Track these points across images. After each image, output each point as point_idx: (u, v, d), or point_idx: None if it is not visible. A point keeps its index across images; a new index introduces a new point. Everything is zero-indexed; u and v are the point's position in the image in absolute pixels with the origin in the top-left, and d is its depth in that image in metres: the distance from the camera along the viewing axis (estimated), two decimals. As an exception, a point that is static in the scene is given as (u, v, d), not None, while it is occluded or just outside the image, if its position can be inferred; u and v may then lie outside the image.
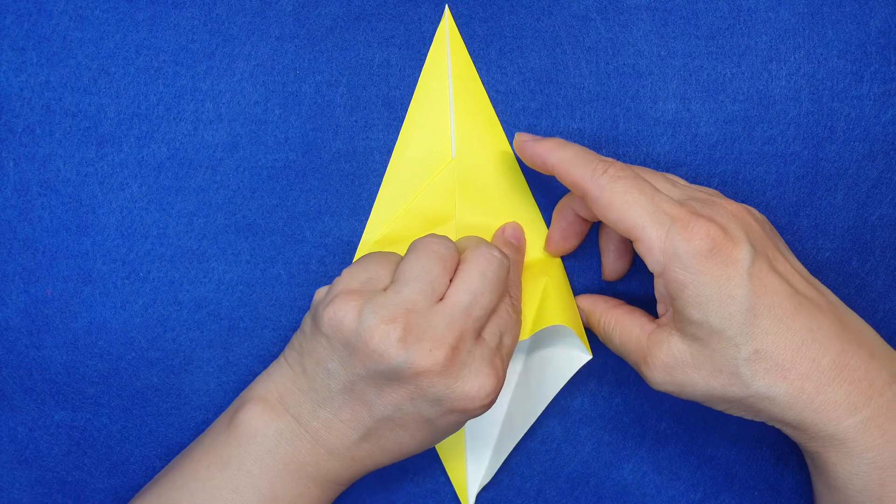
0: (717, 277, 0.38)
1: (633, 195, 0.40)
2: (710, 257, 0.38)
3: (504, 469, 0.49)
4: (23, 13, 0.46)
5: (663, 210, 0.39)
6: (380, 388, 0.40)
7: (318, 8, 0.47)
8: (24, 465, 0.48)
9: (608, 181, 0.40)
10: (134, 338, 0.48)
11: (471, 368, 0.40)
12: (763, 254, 0.39)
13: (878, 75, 0.47)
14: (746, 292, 0.38)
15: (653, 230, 0.39)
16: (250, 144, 0.47)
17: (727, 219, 0.39)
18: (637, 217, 0.39)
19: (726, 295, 0.38)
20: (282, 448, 0.42)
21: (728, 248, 0.38)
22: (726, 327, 0.39)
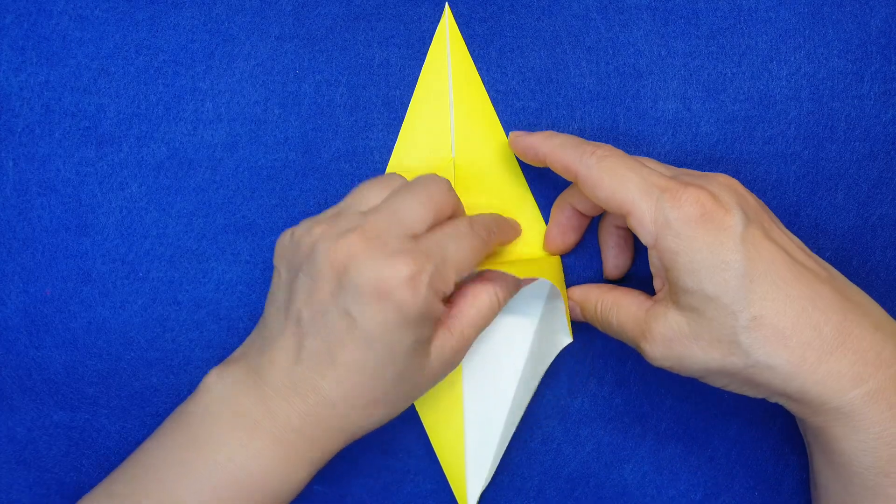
0: (710, 244, 0.38)
1: (622, 171, 0.40)
2: (701, 223, 0.38)
3: (504, 469, 0.49)
4: (23, 13, 0.47)
5: (652, 182, 0.39)
6: (308, 294, 0.40)
7: (318, 8, 0.47)
8: (22, 465, 0.48)
9: (596, 161, 0.40)
10: (133, 338, 0.48)
11: (387, 254, 0.39)
12: (757, 221, 0.39)
13: (878, 75, 0.47)
14: (740, 258, 0.37)
15: (643, 202, 0.39)
16: (250, 144, 0.47)
17: (718, 188, 0.39)
18: (627, 191, 0.39)
19: (720, 261, 0.38)
20: (230, 396, 0.40)
21: (719, 214, 0.38)
22: (721, 294, 0.38)
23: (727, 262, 0.38)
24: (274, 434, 0.40)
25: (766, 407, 0.49)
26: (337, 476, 0.49)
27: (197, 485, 0.39)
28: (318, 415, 0.40)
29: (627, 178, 0.40)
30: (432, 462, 0.49)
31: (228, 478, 0.39)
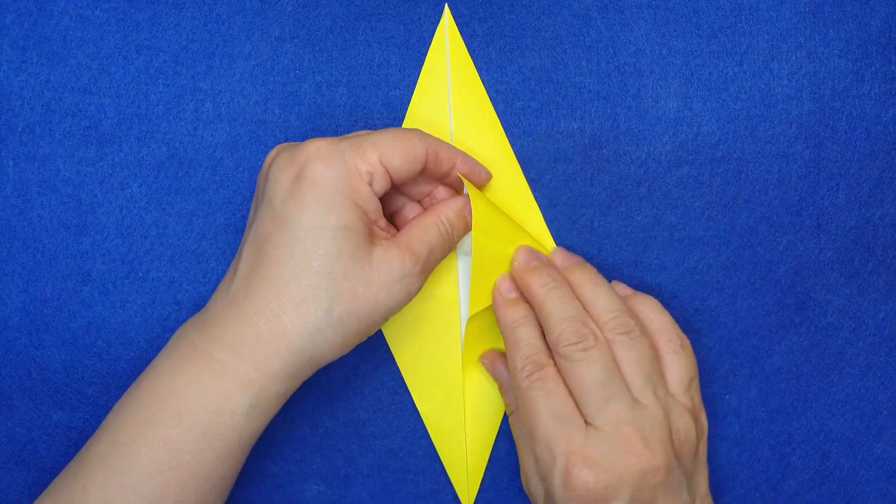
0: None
1: (541, 411, 0.42)
2: (582, 501, 0.40)
3: (504, 469, 0.49)
4: (23, 13, 0.47)
5: (560, 441, 0.41)
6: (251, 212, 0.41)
7: (318, 8, 0.47)
8: (21, 465, 0.48)
9: (529, 385, 0.42)
10: (133, 338, 0.48)
11: (303, 144, 0.40)
12: (640, 502, 0.41)
13: (879, 74, 0.47)
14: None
15: (543, 450, 0.41)
16: (250, 144, 0.47)
17: (626, 466, 0.40)
18: (537, 430, 0.42)
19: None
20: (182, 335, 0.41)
21: (602, 500, 0.40)
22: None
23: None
24: (208, 355, 0.39)
25: (766, 407, 0.49)
26: (337, 476, 0.48)
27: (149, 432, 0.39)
28: (251, 323, 0.39)
29: (541, 422, 0.41)
30: (432, 462, 0.49)
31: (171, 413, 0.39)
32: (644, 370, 0.42)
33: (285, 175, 0.39)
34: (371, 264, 0.40)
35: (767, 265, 0.48)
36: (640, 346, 0.42)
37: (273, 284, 0.39)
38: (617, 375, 0.41)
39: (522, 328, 0.44)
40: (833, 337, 0.49)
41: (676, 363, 0.43)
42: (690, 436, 0.42)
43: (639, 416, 0.41)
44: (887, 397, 0.49)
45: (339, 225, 0.39)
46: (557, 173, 0.48)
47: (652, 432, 0.41)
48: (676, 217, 0.48)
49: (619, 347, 0.42)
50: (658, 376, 0.42)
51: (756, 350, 0.48)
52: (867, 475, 0.49)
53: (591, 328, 0.42)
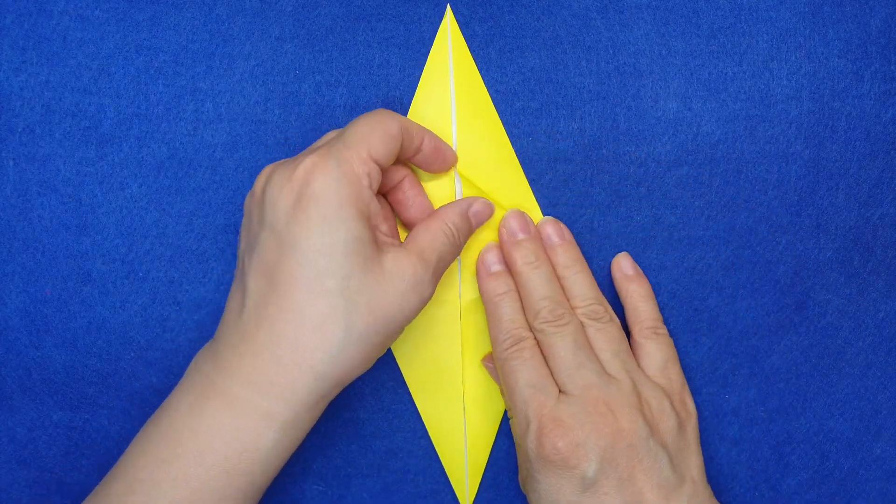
0: (554, 485, 0.42)
1: (519, 381, 0.43)
2: (555, 467, 0.42)
3: (504, 469, 0.49)
4: (23, 13, 0.47)
5: (533, 406, 0.43)
6: (245, 239, 0.40)
7: (318, 8, 0.47)
8: (22, 465, 0.48)
9: (508, 356, 0.44)
10: (133, 338, 0.48)
11: (293, 163, 0.39)
12: (614, 474, 0.42)
13: (878, 74, 0.47)
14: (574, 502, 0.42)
15: (520, 419, 0.43)
16: (250, 144, 0.47)
17: (594, 427, 0.42)
18: (514, 399, 0.44)
19: (556, 501, 0.42)
20: (195, 369, 0.40)
21: (572, 464, 0.41)
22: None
23: (558, 502, 0.42)
24: (227, 392, 0.38)
25: (765, 407, 0.49)
26: (337, 476, 0.48)
27: (171, 471, 0.38)
28: (271, 354, 0.38)
29: (517, 391, 0.43)
30: (432, 462, 0.49)
31: (193, 452, 0.38)
32: (612, 347, 0.44)
33: (284, 196, 0.38)
34: (384, 275, 0.39)
35: (767, 265, 0.48)
36: (610, 329, 0.45)
37: (289, 312, 0.38)
38: (587, 348, 0.44)
39: (504, 302, 0.45)
40: (832, 337, 0.49)
41: (651, 346, 0.46)
42: (665, 409, 0.44)
43: (606, 384, 0.43)
44: (887, 397, 0.49)
45: (348, 238, 0.38)
46: (557, 173, 0.48)
47: (620, 399, 0.43)
48: (676, 217, 0.48)
49: (590, 330, 0.45)
50: (627, 354, 0.45)
51: (756, 350, 0.48)
52: (867, 475, 0.49)
53: (567, 308, 0.45)
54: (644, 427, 0.42)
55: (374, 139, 0.40)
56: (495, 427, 0.48)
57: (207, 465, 0.38)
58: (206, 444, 0.38)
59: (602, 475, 0.41)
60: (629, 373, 0.44)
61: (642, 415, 0.43)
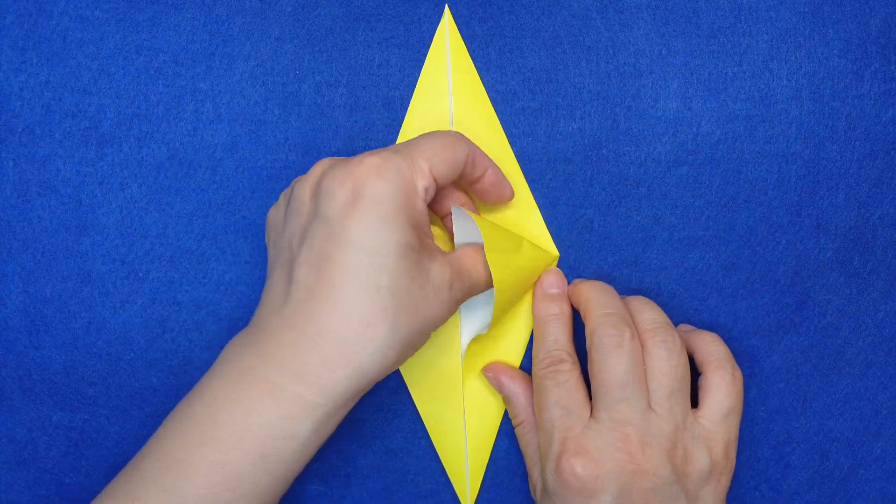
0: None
1: (549, 400, 0.43)
2: (570, 492, 0.41)
3: (504, 469, 0.49)
4: (23, 13, 0.47)
5: (559, 427, 0.42)
6: (293, 226, 0.40)
7: (317, 8, 0.47)
8: (22, 466, 0.48)
9: (544, 375, 0.44)
10: (133, 338, 0.48)
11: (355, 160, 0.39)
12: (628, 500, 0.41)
13: (878, 74, 0.47)
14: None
15: (544, 437, 0.43)
16: (250, 145, 0.47)
17: (617, 463, 0.41)
18: (543, 417, 0.43)
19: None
20: (234, 356, 0.40)
21: (588, 494, 0.41)
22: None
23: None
24: (268, 379, 0.38)
25: (766, 407, 0.49)
26: (337, 476, 0.48)
27: (208, 454, 0.38)
28: (315, 345, 0.38)
29: (548, 409, 0.43)
30: (432, 462, 0.49)
31: (231, 437, 0.38)
32: (670, 383, 0.42)
33: (342, 191, 0.38)
34: (429, 281, 0.39)
35: (767, 265, 0.48)
36: (676, 359, 0.43)
37: (339, 305, 0.38)
38: (639, 380, 0.42)
39: (553, 323, 0.45)
40: (832, 337, 0.49)
41: (721, 389, 0.44)
42: (702, 463, 0.42)
43: (645, 423, 0.41)
44: (887, 397, 0.49)
45: (401, 241, 0.38)
46: (557, 173, 0.48)
47: (652, 440, 0.41)
48: (676, 217, 0.48)
49: (653, 356, 0.43)
50: (683, 394, 0.43)
51: (756, 350, 0.48)
52: (867, 475, 0.49)
53: (632, 329, 0.43)
54: (671, 474, 0.41)
55: (438, 158, 0.40)
56: (496, 427, 0.48)
57: (244, 449, 0.38)
58: (245, 430, 0.38)
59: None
60: (675, 415, 0.42)
61: (671, 461, 0.41)
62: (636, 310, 0.45)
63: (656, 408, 0.42)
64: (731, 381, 0.44)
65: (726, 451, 0.43)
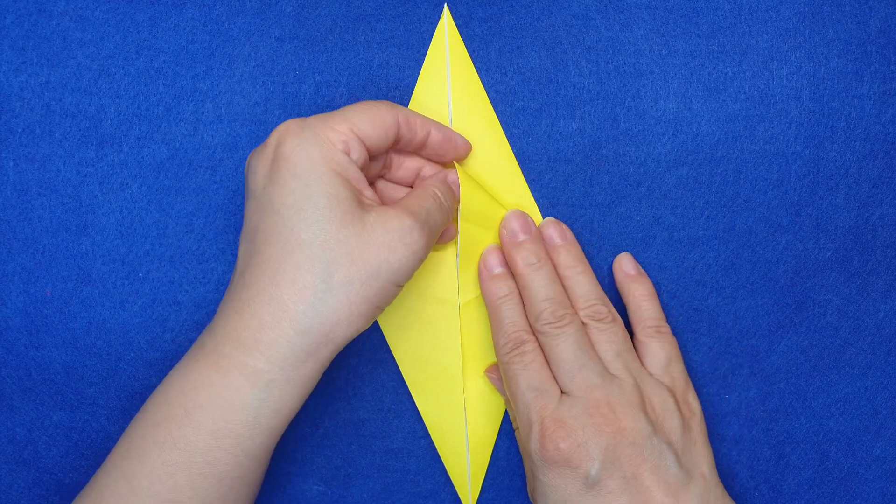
0: (559, 487, 0.42)
1: (521, 384, 0.44)
2: (558, 468, 0.42)
3: (504, 469, 0.49)
4: (23, 13, 0.47)
5: (535, 409, 0.43)
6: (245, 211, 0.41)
7: (318, 8, 0.47)
8: (22, 466, 0.48)
9: (510, 360, 0.44)
10: (133, 338, 0.48)
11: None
12: (618, 473, 0.42)
13: (878, 74, 0.47)
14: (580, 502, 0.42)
15: (523, 422, 0.43)
16: (250, 145, 0.47)
17: (596, 427, 0.42)
18: (517, 403, 0.44)
19: (562, 500, 0.42)
20: (196, 342, 0.40)
21: (574, 464, 0.42)
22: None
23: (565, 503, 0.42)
24: (215, 351, 0.39)
25: (765, 406, 0.49)
26: (337, 476, 0.48)
27: (160, 433, 0.38)
28: (252, 311, 0.38)
29: (520, 395, 0.44)
30: (432, 462, 0.49)
31: (181, 413, 0.38)
32: (615, 348, 0.45)
33: (261, 162, 0.40)
34: (365, 227, 0.39)
35: (767, 265, 0.48)
36: (612, 329, 0.45)
37: (266, 267, 0.38)
38: (589, 349, 0.44)
39: (505, 306, 0.46)
40: (832, 336, 0.49)
41: (654, 345, 0.46)
42: (669, 408, 0.44)
43: (608, 384, 0.43)
44: (886, 397, 0.49)
45: (322, 193, 0.38)
46: (557, 173, 0.48)
47: (622, 399, 0.43)
48: (676, 217, 0.48)
49: (592, 331, 0.45)
50: (629, 353, 0.45)
51: (755, 350, 0.48)
52: (866, 474, 0.49)
53: (568, 310, 0.45)
54: (647, 426, 0.42)
55: (359, 117, 0.40)
56: (496, 426, 0.48)
57: (194, 425, 0.38)
58: (193, 404, 0.38)
59: (605, 474, 0.41)
60: (632, 372, 0.44)
61: (645, 414, 0.43)
62: (570, 286, 0.46)
63: (612, 370, 0.44)
64: (658, 336, 0.46)
65: (685, 396, 0.45)
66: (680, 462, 0.42)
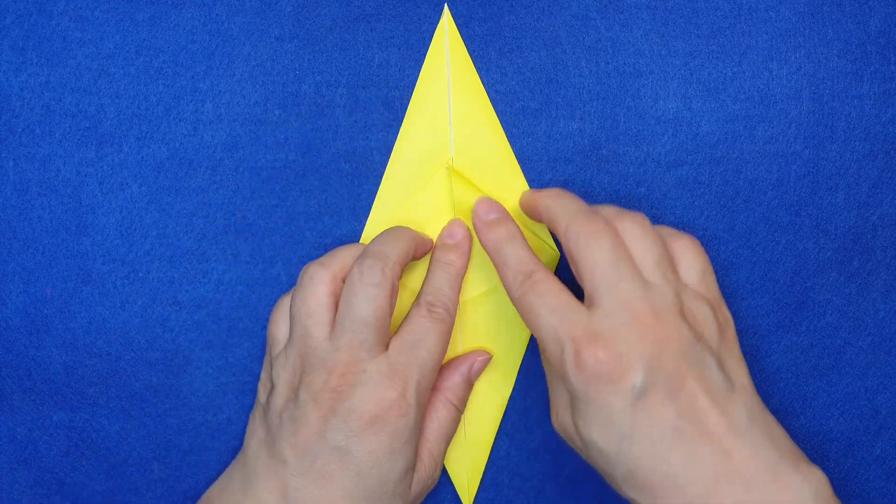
0: (603, 403, 0.39)
1: (541, 313, 0.41)
2: (598, 385, 0.39)
3: (504, 469, 0.49)
4: (23, 13, 0.47)
5: (563, 330, 0.40)
6: (292, 433, 0.41)
7: (317, 8, 0.47)
8: (23, 465, 0.48)
9: (522, 293, 0.41)
10: (133, 338, 0.48)
11: (367, 379, 0.41)
12: (664, 383, 0.38)
13: (878, 75, 0.47)
14: (628, 420, 0.38)
15: (552, 346, 0.40)
16: (250, 144, 0.47)
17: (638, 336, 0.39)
18: (541, 330, 0.41)
19: (608, 419, 0.39)
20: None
21: (617, 377, 0.38)
22: (604, 445, 0.39)
23: (614, 422, 0.39)
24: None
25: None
26: (337, 476, 0.48)
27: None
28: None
29: (543, 320, 0.40)
30: (432, 462, 0.49)
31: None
32: (654, 255, 0.41)
33: (361, 424, 0.41)
34: (409, 489, 0.43)
35: (766, 265, 0.48)
36: (650, 232, 0.42)
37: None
38: (628, 258, 0.41)
39: (506, 245, 0.43)
40: (832, 336, 0.49)
41: (688, 254, 0.42)
42: (707, 318, 0.40)
43: (649, 293, 0.40)
44: (886, 397, 0.49)
45: (405, 467, 0.42)
46: (557, 173, 0.48)
47: (662, 307, 0.39)
48: (676, 217, 0.48)
49: (629, 234, 0.41)
50: (668, 264, 0.41)
51: (755, 350, 0.48)
52: (867, 475, 0.49)
53: (603, 216, 0.42)
54: (690, 333, 0.39)
55: (440, 354, 0.44)
56: (496, 425, 0.48)
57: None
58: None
59: (652, 385, 0.38)
60: (670, 283, 0.40)
61: (686, 322, 0.40)
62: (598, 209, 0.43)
63: (651, 279, 0.40)
64: (691, 245, 0.43)
65: (720, 307, 0.42)
66: (722, 370, 0.40)
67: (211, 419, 0.48)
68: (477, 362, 0.47)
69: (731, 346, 0.41)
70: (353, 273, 0.42)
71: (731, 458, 0.38)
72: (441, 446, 0.45)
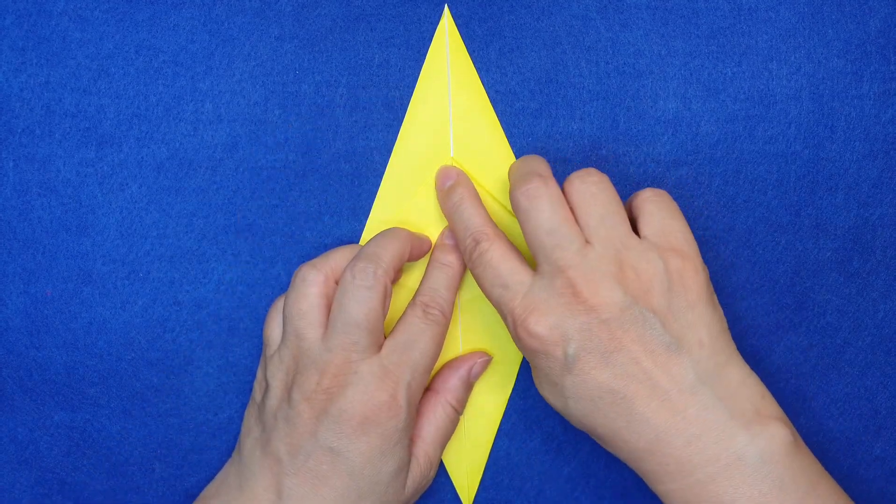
0: (545, 370, 0.41)
1: (485, 285, 0.43)
2: (536, 354, 0.41)
3: (504, 469, 0.49)
4: (23, 13, 0.47)
5: (505, 302, 0.42)
6: (287, 432, 0.42)
7: (317, 8, 0.47)
8: (23, 465, 0.48)
9: (472, 265, 0.43)
10: (134, 338, 0.48)
11: (358, 380, 0.42)
12: (596, 348, 0.40)
13: (878, 75, 0.47)
14: (567, 384, 0.41)
15: (502, 317, 0.43)
16: (250, 145, 0.47)
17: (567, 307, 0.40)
18: (491, 302, 0.43)
19: (551, 383, 0.42)
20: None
21: (550, 348, 0.41)
22: (557, 405, 0.42)
23: (555, 384, 0.42)
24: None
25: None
26: (337, 476, 0.49)
27: None
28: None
29: (488, 294, 0.43)
30: (432, 462, 0.49)
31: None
32: (597, 210, 0.41)
33: (353, 425, 0.42)
34: (404, 488, 0.44)
35: (766, 265, 0.48)
36: (597, 185, 0.42)
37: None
38: (567, 221, 0.41)
39: (456, 213, 0.45)
40: (832, 336, 0.49)
41: (648, 205, 0.43)
42: (655, 273, 0.40)
43: (583, 259, 0.40)
44: (886, 397, 0.49)
45: (397, 466, 0.43)
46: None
47: (594, 272, 0.40)
48: (676, 217, 0.48)
49: (573, 191, 0.42)
50: (616, 217, 0.41)
51: (755, 350, 0.48)
52: (867, 474, 0.49)
53: (545, 178, 0.42)
54: (624, 297, 0.40)
55: (433, 355, 0.44)
56: (496, 424, 0.48)
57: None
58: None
59: (583, 351, 0.40)
60: (612, 239, 0.41)
61: (621, 284, 0.40)
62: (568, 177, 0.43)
63: (592, 239, 0.41)
64: (652, 195, 0.43)
65: (681, 250, 0.42)
66: (669, 329, 0.40)
67: (211, 419, 0.48)
68: (477, 364, 0.47)
69: (692, 299, 0.41)
70: (346, 275, 0.42)
71: (683, 414, 0.40)
72: (437, 447, 0.45)
